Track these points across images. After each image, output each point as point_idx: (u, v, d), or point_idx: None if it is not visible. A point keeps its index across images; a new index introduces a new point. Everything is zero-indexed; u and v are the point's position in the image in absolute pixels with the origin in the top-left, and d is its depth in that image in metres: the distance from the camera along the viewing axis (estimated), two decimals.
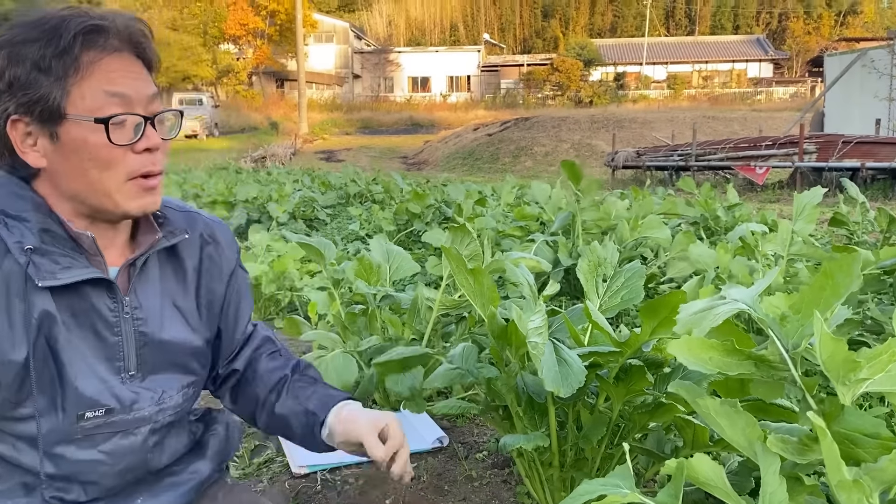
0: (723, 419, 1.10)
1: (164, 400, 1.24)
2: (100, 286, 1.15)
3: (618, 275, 1.86)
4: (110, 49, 1.09)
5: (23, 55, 1.06)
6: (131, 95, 1.11)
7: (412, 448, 2.10)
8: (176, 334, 1.26)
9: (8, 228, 1.08)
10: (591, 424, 1.59)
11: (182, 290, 1.29)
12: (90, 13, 1.10)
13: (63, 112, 1.07)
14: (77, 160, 1.10)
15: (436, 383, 1.78)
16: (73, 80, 1.07)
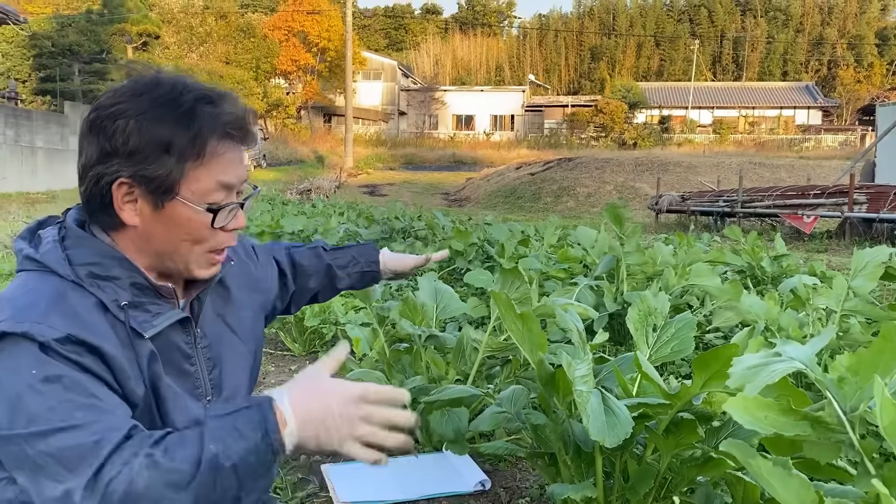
0: (776, 480, 1.09)
1: None
2: (176, 326, 1.23)
3: (668, 325, 1.86)
4: (228, 139, 1.18)
5: (152, 132, 1.13)
6: (235, 184, 1.22)
7: (454, 490, 2.12)
8: (235, 351, 1.37)
9: (102, 289, 1.15)
10: (639, 476, 1.58)
11: (231, 310, 1.40)
12: (211, 94, 1.18)
13: (176, 191, 1.16)
14: (175, 231, 1.19)
15: (482, 426, 1.79)
16: (193, 164, 1.16)
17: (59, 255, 1.16)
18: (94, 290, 1.14)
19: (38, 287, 1.13)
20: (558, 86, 65.85)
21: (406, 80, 53.55)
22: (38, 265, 1.16)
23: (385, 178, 30.02)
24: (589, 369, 1.43)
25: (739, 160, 25.45)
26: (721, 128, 44.89)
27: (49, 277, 1.14)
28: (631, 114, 45.22)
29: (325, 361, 1.17)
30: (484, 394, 1.93)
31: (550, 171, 25.53)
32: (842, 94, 54.32)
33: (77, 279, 1.14)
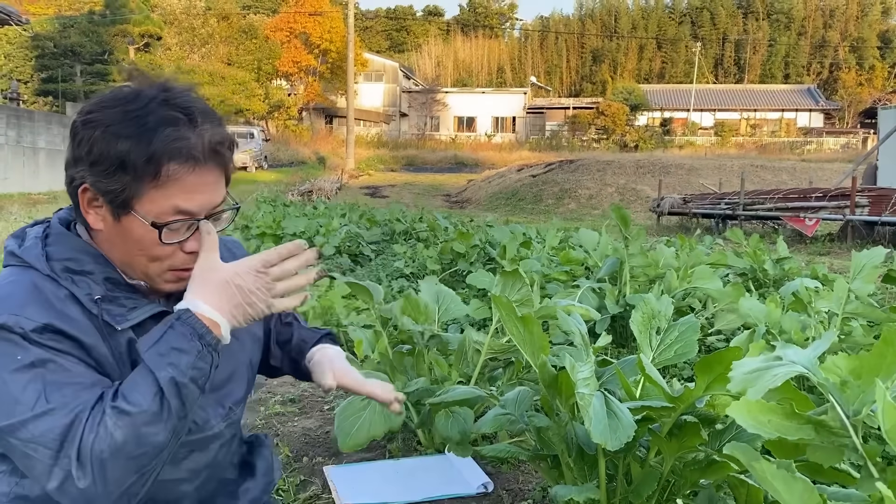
0: (780, 483, 1.09)
1: (230, 415, 1.38)
2: (158, 320, 1.21)
3: (672, 328, 1.86)
4: (192, 163, 1.15)
5: (112, 145, 1.13)
6: (196, 211, 1.18)
7: (457, 492, 2.12)
8: (229, 351, 1.31)
9: (76, 283, 1.17)
10: (642, 479, 1.58)
11: None
12: (182, 115, 1.15)
13: (130, 207, 1.15)
14: (131, 244, 1.19)
15: (485, 428, 1.80)
16: (149, 185, 1.14)
17: (37, 252, 1.19)
18: (67, 284, 1.16)
19: (16, 280, 1.16)
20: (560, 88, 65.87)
21: (407, 82, 53.61)
22: (19, 260, 1.19)
23: (386, 180, 30.03)
24: (592, 372, 1.43)
25: (741, 163, 25.44)
26: (722, 130, 44.90)
27: (27, 272, 1.17)
28: (632, 116, 45.22)
29: (205, 249, 1.19)
30: (488, 395, 1.93)
31: (552, 173, 25.54)
32: (843, 97, 54.32)
33: (52, 273, 1.16)
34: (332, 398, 3.18)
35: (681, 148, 40.80)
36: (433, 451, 2.48)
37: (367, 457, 2.47)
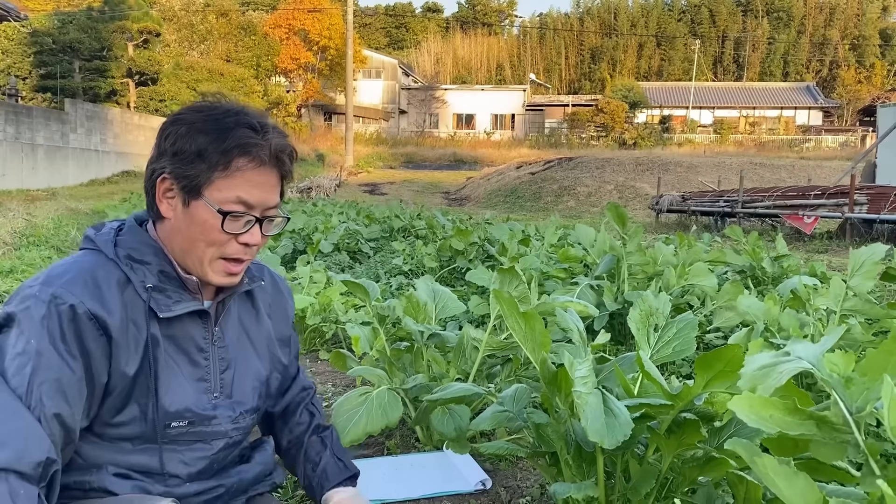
0: (781, 479, 1.08)
1: (238, 420, 1.49)
2: (196, 318, 1.42)
3: (670, 325, 1.85)
4: (257, 161, 1.35)
5: (194, 138, 1.33)
6: (254, 204, 1.37)
7: (455, 490, 2.11)
8: (249, 362, 1.53)
9: (133, 270, 1.35)
10: (640, 476, 1.57)
11: (255, 327, 1.56)
12: (256, 123, 1.36)
13: (200, 193, 1.34)
14: (194, 229, 1.36)
15: (483, 425, 1.78)
16: (219, 174, 1.33)
17: (108, 238, 1.38)
18: (126, 269, 1.34)
19: (79, 261, 1.34)
20: (559, 85, 65.82)
21: (407, 79, 53.52)
22: (92, 244, 1.38)
23: (385, 177, 30.00)
24: (590, 370, 1.42)
25: (740, 160, 25.44)
26: (722, 128, 44.87)
27: (94, 254, 1.36)
28: (631, 113, 45.20)
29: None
30: (486, 392, 1.92)
31: (551, 170, 25.52)
32: (843, 95, 54.30)
33: (115, 258, 1.34)
34: (330, 395, 3.17)
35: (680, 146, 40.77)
36: (431, 448, 2.47)
37: (364, 453, 2.45)
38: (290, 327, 1.67)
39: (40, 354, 1.22)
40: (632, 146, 39.71)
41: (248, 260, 1.43)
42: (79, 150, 22.36)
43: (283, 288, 1.67)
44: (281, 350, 1.62)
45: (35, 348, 1.22)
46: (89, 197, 17.38)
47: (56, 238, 8.86)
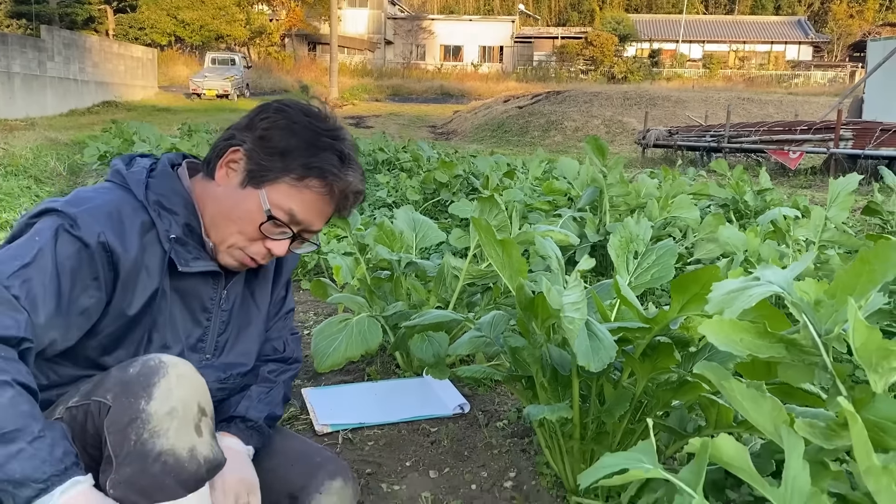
0: (748, 402, 1.10)
1: (227, 381, 1.52)
2: (207, 278, 1.42)
3: (649, 252, 1.85)
4: (327, 190, 1.38)
5: (287, 137, 1.36)
6: (301, 222, 1.39)
7: (434, 413, 2.15)
8: (251, 325, 1.55)
9: (161, 217, 1.34)
10: (615, 399, 1.60)
11: (260, 288, 1.57)
12: (346, 154, 1.39)
13: (262, 185, 1.36)
14: (235, 212, 1.37)
15: (460, 350, 1.80)
16: (288, 181, 1.36)
17: (140, 178, 1.36)
18: (154, 215, 1.33)
19: (108, 194, 1.33)
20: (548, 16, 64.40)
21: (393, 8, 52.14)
22: (122, 180, 1.36)
23: (371, 110, 29.54)
24: (581, 296, 1.42)
25: (728, 95, 25.21)
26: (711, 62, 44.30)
27: (123, 192, 1.34)
28: (621, 47, 44.43)
29: None
30: (464, 319, 1.93)
31: (539, 104, 25.22)
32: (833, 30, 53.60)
33: (145, 201, 1.33)
34: (311, 323, 3.18)
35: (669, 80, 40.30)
36: (411, 375, 2.50)
37: (345, 379, 2.48)
38: (285, 285, 1.69)
39: (42, 255, 1.21)
40: (621, 80, 39.21)
41: (262, 263, 1.45)
42: (57, 80, 21.75)
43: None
44: (275, 302, 1.65)
45: (38, 247, 1.22)
46: (69, 127, 17.01)
47: (35, 168, 8.69)
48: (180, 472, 1.24)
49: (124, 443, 1.21)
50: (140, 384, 1.24)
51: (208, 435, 1.31)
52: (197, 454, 1.27)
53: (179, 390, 1.26)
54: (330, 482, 1.57)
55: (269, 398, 1.62)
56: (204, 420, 1.30)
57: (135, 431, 1.21)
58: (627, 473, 1.13)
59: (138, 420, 1.22)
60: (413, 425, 2.11)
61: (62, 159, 9.67)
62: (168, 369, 1.26)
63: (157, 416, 1.22)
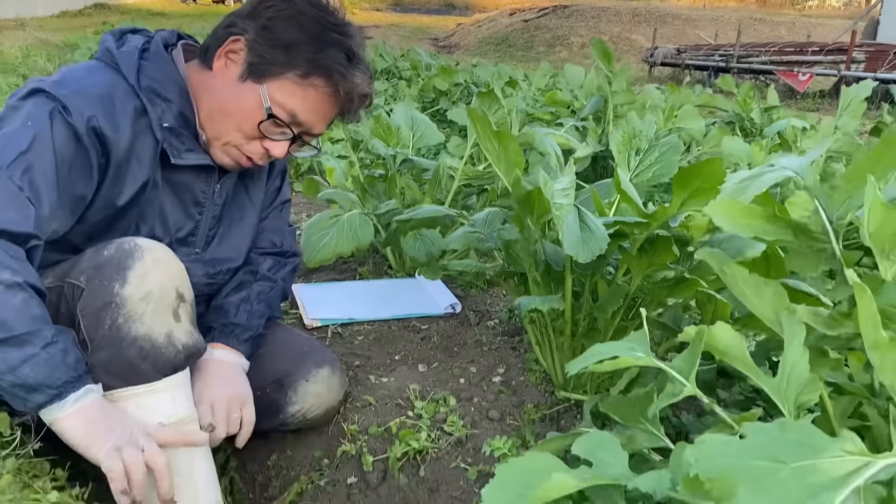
0: (750, 289, 1.05)
1: (216, 277, 1.49)
2: (200, 171, 1.37)
3: (652, 148, 1.77)
4: (332, 90, 1.31)
5: (293, 29, 1.27)
6: (302, 123, 1.33)
7: (425, 312, 2.12)
8: (244, 221, 1.51)
9: (153, 104, 1.26)
10: (608, 295, 1.56)
11: (254, 182, 1.53)
12: (354, 52, 1.31)
13: (263, 80, 1.28)
14: (233, 107, 1.30)
15: (453, 245, 1.75)
16: (292, 77, 1.28)
17: (133, 61, 1.28)
18: (146, 101, 1.26)
19: (98, 74, 1.25)
20: None
21: None
22: (112, 59, 1.28)
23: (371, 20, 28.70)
24: (571, 183, 1.35)
25: (739, 15, 24.49)
26: None
27: (113, 73, 1.26)
28: None
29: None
30: (458, 215, 1.87)
31: (545, 18, 24.48)
32: None
33: (136, 86, 1.26)
34: (304, 217, 3.12)
35: None
36: (403, 275, 2.46)
37: (336, 279, 2.44)
38: (280, 179, 1.65)
39: (39, 141, 1.16)
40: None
41: (259, 165, 1.39)
42: None
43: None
44: (271, 201, 1.63)
45: (34, 133, 1.15)
46: (60, 29, 16.51)
47: (24, 67, 8.47)
48: (157, 357, 1.21)
49: (98, 327, 1.18)
50: (114, 267, 1.20)
51: (187, 321, 1.28)
52: (174, 340, 1.23)
53: (155, 274, 1.22)
54: (317, 370, 1.55)
55: (268, 299, 1.58)
56: (183, 306, 1.27)
57: (109, 316, 1.18)
58: (617, 360, 1.09)
59: (112, 304, 1.18)
60: (403, 322, 2.08)
61: (52, 59, 9.41)
62: (143, 253, 1.22)
63: (131, 301, 1.18)
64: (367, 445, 1.53)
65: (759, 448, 0.62)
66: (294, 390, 1.52)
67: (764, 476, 0.60)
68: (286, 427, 1.56)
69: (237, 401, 1.39)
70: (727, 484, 0.61)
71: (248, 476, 1.65)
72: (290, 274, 1.65)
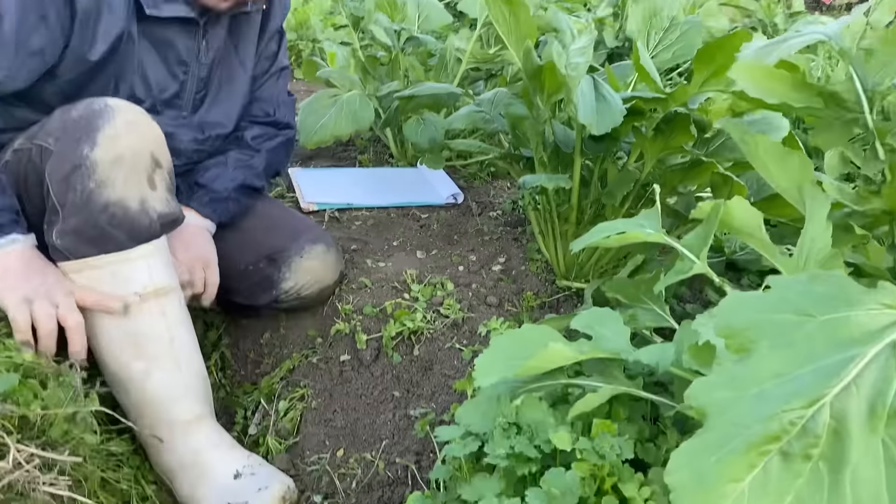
0: (773, 159, 0.97)
1: (205, 143, 1.43)
2: (184, 26, 1.28)
3: (673, 27, 1.66)
4: None
5: None
6: None
7: (426, 201, 2.05)
8: (234, 83, 1.45)
9: None
10: (618, 180, 1.48)
11: (244, 42, 1.45)
12: None
13: None
14: None
15: (457, 124, 1.66)
16: None
17: None
18: None
19: None
20: None
21: None
22: None
23: None
24: (589, 42, 1.25)
25: None
26: None
27: None
28: None
29: None
30: (463, 93, 1.77)
31: None
32: None
33: None
34: None
35: None
36: (405, 165, 2.38)
37: (336, 166, 2.37)
38: (277, 40, 1.56)
39: None
40: None
41: (256, 11, 1.37)
42: None
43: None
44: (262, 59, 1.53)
45: None
46: None
47: None
48: (130, 225, 1.15)
49: (68, 192, 1.12)
50: (82, 128, 1.12)
51: (164, 189, 1.21)
52: (148, 208, 1.17)
53: (128, 137, 1.14)
54: (312, 246, 1.50)
55: (245, 166, 1.50)
56: (159, 172, 1.20)
57: (79, 181, 1.11)
58: (625, 235, 1.03)
59: (82, 168, 1.11)
60: (403, 210, 2.02)
61: None
62: (114, 114, 1.14)
63: (102, 165, 1.11)
64: (362, 325, 1.49)
65: (785, 301, 0.56)
66: (288, 266, 1.48)
67: (789, 329, 0.54)
68: (280, 305, 1.52)
69: (199, 261, 1.37)
70: (747, 338, 0.55)
71: (240, 353, 1.63)
72: (282, 147, 1.57)
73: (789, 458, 0.51)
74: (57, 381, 1.10)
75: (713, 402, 0.53)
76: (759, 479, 0.51)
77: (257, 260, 1.48)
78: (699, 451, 0.52)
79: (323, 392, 1.42)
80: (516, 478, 0.89)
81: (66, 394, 1.09)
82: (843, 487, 0.50)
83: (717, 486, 0.51)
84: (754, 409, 0.52)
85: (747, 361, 0.54)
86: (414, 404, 1.35)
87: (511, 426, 0.90)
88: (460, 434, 0.95)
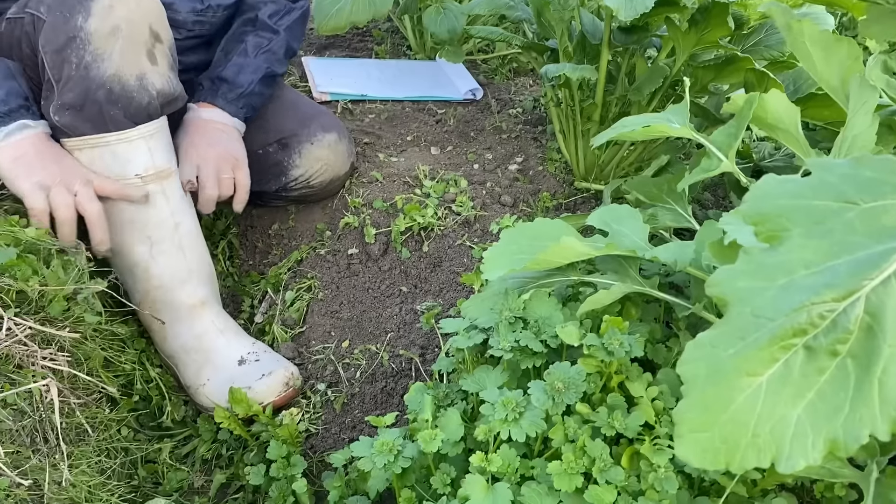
0: (817, 47, 0.89)
1: (205, 13, 1.33)
2: None
3: None
4: None
5: None
6: None
7: (443, 95, 1.97)
8: None
9: None
10: (648, 75, 1.39)
11: None
12: None
13: None
14: None
15: (478, 9, 1.56)
16: None
17: None
18: None
19: None
20: None
21: None
22: None
23: None
24: None
25: None
26: None
27: None
28: None
29: None
30: None
31: None
32: None
33: None
34: None
35: None
36: (424, 58, 2.28)
37: (351, 56, 2.27)
38: None
39: None
40: None
41: None
42: None
43: None
44: None
45: None
46: None
47: None
48: (128, 102, 1.10)
49: (64, 65, 1.05)
50: None
51: (165, 65, 1.15)
52: (147, 84, 1.11)
53: (123, 7, 1.07)
54: (324, 133, 1.44)
55: (267, 52, 1.40)
56: (159, 47, 1.13)
57: (75, 53, 1.05)
58: (650, 128, 0.96)
59: (77, 40, 1.04)
60: (419, 104, 1.94)
61: None
62: None
63: (97, 36, 1.05)
64: (371, 219, 1.45)
65: (825, 185, 0.51)
66: (298, 153, 1.42)
67: (827, 216, 0.49)
68: (289, 193, 1.48)
69: (227, 161, 1.30)
70: (780, 224, 0.50)
71: (248, 243, 1.60)
72: (298, 24, 1.47)
73: (814, 354, 0.47)
74: (61, 260, 1.08)
75: (736, 290, 0.49)
76: (778, 373, 0.47)
77: (267, 144, 1.43)
78: (716, 343, 0.48)
79: (330, 284, 1.40)
80: (520, 371, 0.86)
81: (70, 273, 1.07)
82: (871, 387, 0.46)
83: (733, 379, 0.47)
84: (780, 299, 0.48)
85: (778, 249, 0.49)
86: (421, 299, 1.32)
87: (517, 320, 0.87)
88: (465, 326, 0.92)
